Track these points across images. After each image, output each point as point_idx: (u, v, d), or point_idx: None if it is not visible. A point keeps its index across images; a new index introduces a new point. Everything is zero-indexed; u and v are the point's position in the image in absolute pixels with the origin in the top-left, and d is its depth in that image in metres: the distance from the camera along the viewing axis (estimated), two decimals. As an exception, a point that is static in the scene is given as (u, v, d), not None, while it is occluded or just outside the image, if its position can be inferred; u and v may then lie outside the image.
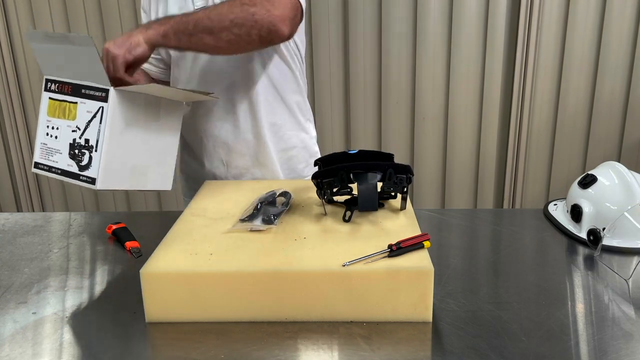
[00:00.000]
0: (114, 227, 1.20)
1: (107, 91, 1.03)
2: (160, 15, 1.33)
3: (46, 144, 1.12)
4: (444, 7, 2.45)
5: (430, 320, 0.86)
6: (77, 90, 1.08)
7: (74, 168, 1.07)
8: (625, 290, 0.97)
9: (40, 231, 1.26)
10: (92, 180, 1.05)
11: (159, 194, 2.80)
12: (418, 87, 2.55)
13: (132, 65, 1.10)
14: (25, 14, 2.55)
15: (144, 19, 1.43)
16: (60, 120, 1.09)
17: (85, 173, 1.06)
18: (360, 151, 1.13)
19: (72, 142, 1.07)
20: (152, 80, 1.44)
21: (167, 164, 1.20)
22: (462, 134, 2.62)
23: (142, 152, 1.13)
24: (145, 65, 1.48)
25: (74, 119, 1.07)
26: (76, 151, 1.07)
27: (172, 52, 1.38)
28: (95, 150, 1.05)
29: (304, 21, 1.37)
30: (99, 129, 1.04)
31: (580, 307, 0.92)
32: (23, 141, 2.71)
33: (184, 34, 1.09)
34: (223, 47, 1.14)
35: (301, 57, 1.39)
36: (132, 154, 1.11)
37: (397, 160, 1.12)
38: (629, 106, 2.57)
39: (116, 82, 1.05)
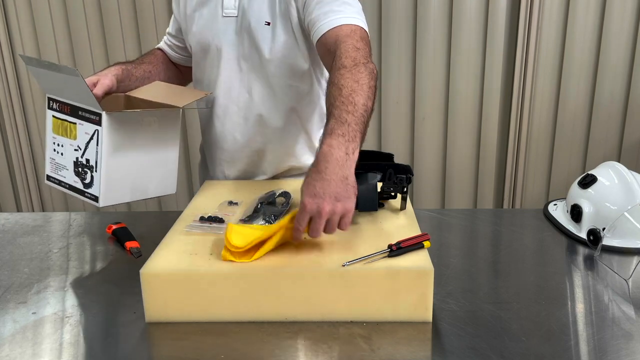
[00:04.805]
0: (114, 227, 1.20)
1: (100, 115, 1.06)
2: (190, 11, 1.30)
3: (54, 159, 1.17)
4: (444, 7, 2.45)
5: (430, 320, 0.86)
6: (74, 111, 1.11)
7: (79, 185, 1.12)
8: (625, 290, 0.97)
9: (40, 231, 1.26)
10: (96, 198, 1.10)
11: (159, 194, 2.80)
12: (418, 87, 2.55)
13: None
14: (25, 14, 2.55)
15: (174, 8, 1.38)
16: (63, 139, 1.14)
17: (89, 191, 1.11)
18: (360, 151, 1.13)
19: (75, 160, 1.12)
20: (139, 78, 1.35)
21: (168, 171, 1.21)
22: (462, 134, 2.62)
23: (142, 166, 1.15)
24: (168, 51, 1.44)
25: (75, 138, 1.12)
26: (79, 169, 1.11)
27: (194, 55, 1.35)
28: (96, 171, 1.09)
29: None
30: (96, 151, 1.08)
31: (580, 307, 0.92)
32: (23, 141, 2.71)
33: (364, 129, 0.98)
34: None
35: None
36: (132, 170, 1.14)
37: (397, 160, 1.12)
38: (628, 106, 2.57)
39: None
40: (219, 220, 1.02)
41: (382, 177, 1.03)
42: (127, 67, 1.29)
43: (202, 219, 1.03)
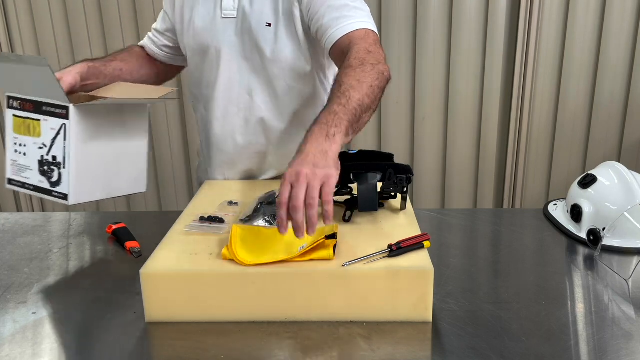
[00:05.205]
0: (114, 227, 1.20)
1: (67, 108, 1.03)
2: (187, 13, 1.29)
3: (16, 161, 1.12)
4: (444, 7, 2.45)
5: (430, 320, 0.86)
6: (38, 108, 1.08)
7: (46, 184, 1.08)
8: (625, 290, 0.97)
9: (40, 231, 1.26)
10: (65, 196, 1.06)
11: (158, 193, 2.80)
12: (418, 87, 2.55)
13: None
14: (25, 14, 2.55)
15: (167, 9, 1.36)
16: (26, 138, 1.10)
17: (56, 189, 1.07)
18: (360, 151, 1.13)
19: (40, 159, 1.08)
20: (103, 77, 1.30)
21: (138, 167, 1.19)
22: (462, 134, 2.62)
23: (111, 161, 1.13)
24: (152, 48, 1.43)
25: (39, 136, 1.08)
26: (45, 168, 1.08)
27: (191, 57, 1.34)
28: (64, 167, 1.05)
29: None
30: (64, 146, 1.05)
31: (580, 307, 0.92)
32: (23, 141, 2.71)
33: (355, 122, 0.97)
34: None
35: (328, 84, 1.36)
36: (101, 165, 1.11)
37: (397, 160, 1.12)
38: (628, 106, 2.57)
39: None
40: (219, 220, 1.02)
41: (382, 177, 1.03)
42: (94, 65, 1.25)
43: (202, 219, 1.03)
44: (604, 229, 1.10)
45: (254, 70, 1.26)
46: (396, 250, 0.88)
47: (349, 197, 1.09)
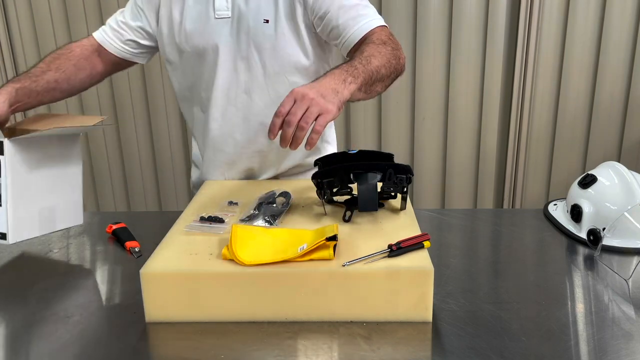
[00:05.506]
0: (114, 227, 1.20)
1: (1, 143, 0.99)
2: (177, 15, 1.27)
3: None
4: (444, 7, 2.45)
5: (430, 320, 0.86)
6: None
7: None
8: (625, 290, 0.97)
9: (40, 231, 1.26)
10: (3, 235, 1.03)
11: (158, 193, 2.80)
12: (418, 87, 2.55)
13: None
14: (25, 13, 2.55)
15: (146, 9, 1.31)
16: None
17: None
18: (360, 151, 1.13)
19: None
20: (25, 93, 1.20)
21: (74, 199, 1.17)
22: (462, 134, 2.62)
23: (48, 194, 1.10)
24: (110, 41, 1.35)
25: None
26: None
27: (184, 60, 1.32)
28: (0, 205, 1.01)
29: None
30: None
31: (580, 307, 0.92)
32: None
33: (368, 84, 1.03)
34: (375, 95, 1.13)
35: None
36: (39, 200, 1.08)
37: (397, 160, 1.12)
38: (628, 106, 2.57)
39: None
40: (219, 220, 1.02)
41: (382, 177, 1.03)
42: (23, 85, 1.17)
43: (202, 219, 1.03)
44: (604, 229, 1.10)
45: (252, 69, 1.26)
46: (396, 250, 0.88)
47: (349, 197, 1.09)
